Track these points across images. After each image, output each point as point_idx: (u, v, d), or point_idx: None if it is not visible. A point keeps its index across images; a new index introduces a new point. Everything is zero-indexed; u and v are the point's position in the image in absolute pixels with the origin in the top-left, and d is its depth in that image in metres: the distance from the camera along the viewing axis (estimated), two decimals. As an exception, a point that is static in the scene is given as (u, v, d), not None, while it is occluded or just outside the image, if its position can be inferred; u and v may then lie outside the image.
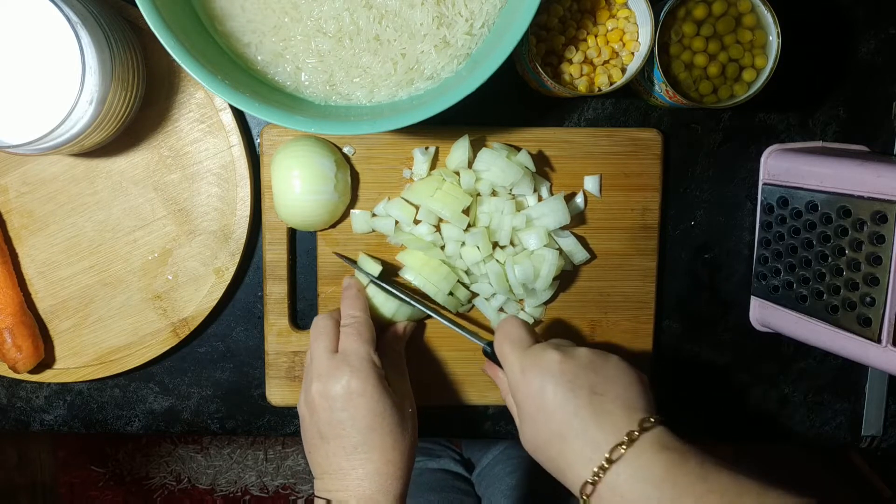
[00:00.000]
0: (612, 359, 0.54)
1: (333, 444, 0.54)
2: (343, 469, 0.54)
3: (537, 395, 0.52)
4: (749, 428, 0.73)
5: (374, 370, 0.55)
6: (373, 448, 0.54)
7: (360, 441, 0.54)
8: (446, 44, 0.57)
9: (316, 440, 0.56)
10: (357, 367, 0.55)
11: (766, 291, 0.67)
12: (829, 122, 0.69)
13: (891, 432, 0.73)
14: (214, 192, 0.65)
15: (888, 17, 0.67)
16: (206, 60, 0.52)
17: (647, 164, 0.66)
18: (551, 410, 0.51)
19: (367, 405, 0.54)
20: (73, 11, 0.51)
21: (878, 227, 0.55)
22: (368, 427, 0.54)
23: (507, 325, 0.57)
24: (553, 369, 0.52)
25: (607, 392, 0.51)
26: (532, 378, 0.52)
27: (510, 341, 0.56)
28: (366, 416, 0.54)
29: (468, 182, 0.62)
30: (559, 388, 0.51)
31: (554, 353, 0.53)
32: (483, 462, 0.98)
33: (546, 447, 0.52)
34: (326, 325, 0.59)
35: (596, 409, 0.50)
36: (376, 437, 0.54)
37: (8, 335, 0.62)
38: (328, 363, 0.56)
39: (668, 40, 0.59)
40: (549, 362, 0.52)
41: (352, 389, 0.54)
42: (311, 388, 0.56)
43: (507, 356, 0.55)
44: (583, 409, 0.50)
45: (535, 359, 0.53)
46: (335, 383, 0.54)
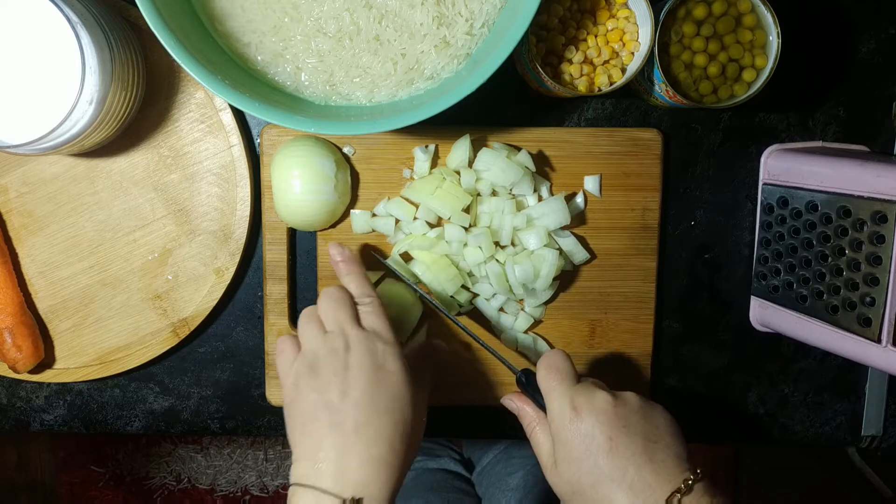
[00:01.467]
0: (658, 408, 0.54)
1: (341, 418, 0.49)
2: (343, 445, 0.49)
3: (588, 434, 0.50)
4: (749, 428, 0.73)
5: (397, 341, 0.53)
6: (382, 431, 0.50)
7: (373, 419, 0.50)
8: (446, 44, 0.57)
9: (321, 412, 0.50)
10: (392, 342, 0.52)
11: (766, 291, 0.67)
12: (829, 122, 0.69)
13: (891, 432, 0.73)
14: (214, 192, 0.65)
15: (888, 17, 0.67)
16: (206, 60, 0.52)
17: (647, 164, 0.66)
18: (604, 452, 0.50)
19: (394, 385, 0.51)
20: (73, 11, 0.51)
21: (878, 227, 0.55)
22: (385, 408, 0.50)
23: (555, 357, 0.55)
24: (609, 412, 0.51)
25: (659, 440, 0.51)
26: (585, 416, 0.51)
27: (559, 374, 0.54)
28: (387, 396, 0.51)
29: (468, 181, 0.62)
30: (614, 430, 0.50)
31: (606, 394, 0.52)
32: (483, 462, 0.98)
33: (590, 490, 0.50)
34: (345, 297, 0.55)
35: (650, 455, 0.50)
36: (388, 420, 0.50)
37: (8, 335, 0.62)
38: (360, 334, 0.52)
39: (668, 40, 0.59)
40: (603, 403, 0.51)
41: (386, 365, 0.51)
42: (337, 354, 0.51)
43: (553, 390, 0.53)
44: (638, 454, 0.50)
45: (587, 398, 0.52)
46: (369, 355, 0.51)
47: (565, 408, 0.52)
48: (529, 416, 0.56)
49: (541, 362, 0.55)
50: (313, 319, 0.54)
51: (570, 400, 0.52)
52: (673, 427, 0.53)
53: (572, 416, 0.51)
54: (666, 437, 0.51)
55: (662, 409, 0.54)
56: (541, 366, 0.55)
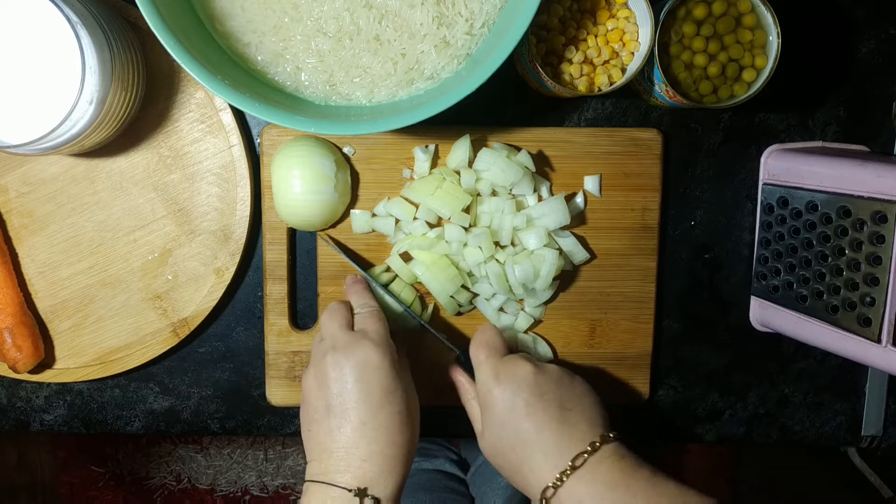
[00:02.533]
0: (578, 379, 0.59)
1: (340, 419, 0.53)
2: (346, 446, 0.52)
3: (508, 401, 0.55)
4: (749, 428, 0.73)
5: (392, 350, 0.55)
6: (380, 426, 0.52)
7: (370, 417, 0.52)
8: (446, 44, 0.57)
9: (321, 415, 0.54)
10: (377, 341, 0.55)
11: (766, 291, 0.67)
12: (829, 122, 0.69)
13: (891, 432, 0.73)
14: (214, 192, 0.65)
15: (888, 17, 0.67)
16: (206, 60, 0.52)
17: (647, 164, 0.66)
18: (521, 418, 0.54)
19: (382, 380, 0.53)
20: (73, 11, 0.51)
21: (878, 227, 0.55)
22: (379, 404, 0.53)
23: (486, 332, 0.60)
24: (528, 380, 0.55)
25: (574, 407, 0.56)
26: (506, 385, 0.56)
27: (487, 348, 0.58)
28: (378, 391, 0.53)
29: (468, 181, 0.62)
30: (532, 397, 0.55)
31: (528, 364, 0.57)
32: (477, 461, 0.98)
33: (510, 452, 0.55)
34: (341, 307, 0.59)
35: (563, 420, 0.54)
36: (384, 415, 0.53)
37: (8, 335, 0.62)
38: (346, 337, 0.55)
39: (668, 40, 0.59)
40: (524, 373, 0.56)
41: (370, 361, 0.53)
42: (326, 359, 0.54)
43: (482, 362, 0.58)
44: (552, 419, 0.54)
45: (510, 367, 0.56)
46: (352, 354, 0.54)
47: (489, 377, 0.57)
48: (465, 386, 0.62)
49: (473, 338, 0.60)
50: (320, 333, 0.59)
51: (494, 370, 0.57)
52: (590, 397, 0.57)
53: (495, 384, 0.56)
54: (581, 405, 0.56)
55: (582, 380, 0.59)
56: (473, 342, 0.60)
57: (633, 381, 0.69)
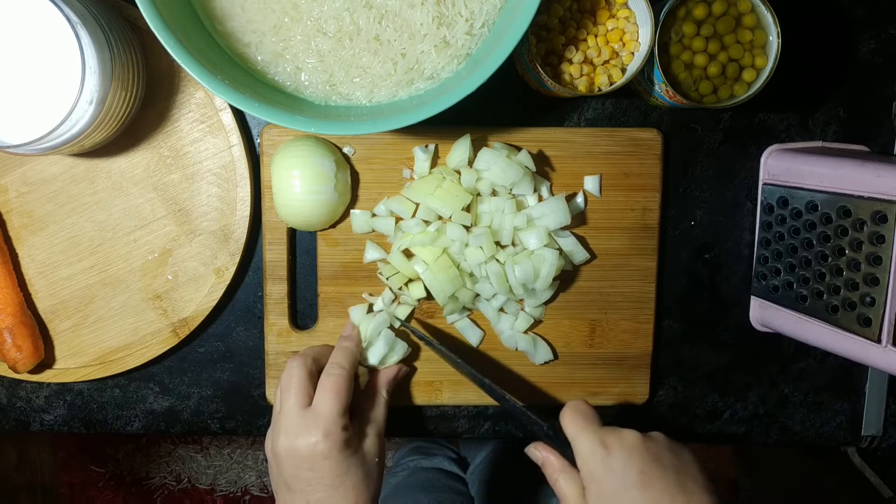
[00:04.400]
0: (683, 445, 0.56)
1: (298, 496, 0.56)
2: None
3: (620, 470, 0.52)
4: (749, 428, 0.73)
5: (342, 434, 0.56)
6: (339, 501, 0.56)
7: (325, 496, 0.56)
8: (446, 44, 0.57)
9: (282, 488, 0.57)
10: (326, 429, 0.55)
11: (766, 291, 0.67)
12: (829, 122, 0.69)
13: (891, 432, 0.73)
14: (214, 192, 0.65)
15: (888, 17, 0.67)
16: (206, 60, 0.52)
17: (647, 164, 0.66)
18: (637, 487, 0.51)
19: (332, 467, 0.55)
20: (73, 11, 0.51)
21: (878, 227, 0.55)
22: (332, 485, 0.55)
23: (579, 404, 0.57)
24: (639, 447, 0.53)
25: (688, 473, 0.53)
26: (616, 453, 0.53)
27: (584, 417, 0.56)
28: (330, 476, 0.55)
29: (469, 181, 0.62)
30: (647, 466, 0.52)
31: (635, 432, 0.54)
32: (476, 460, 0.98)
33: None
34: (300, 376, 0.58)
35: (682, 487, 0.52)
36: (340, 494, 0.56)
37: (8, 335, 0.62)
38: (298, 419, 0.56)
39: (668, 40, 0.59)
40: (633, 440, 0.53)
41: (318, 451, 0.55)
42: (279, 441, 0.56)
43: (582, 431, 0.55)
44: (671, 486, 0.52)
45: (616, 436, 0.54)
46: (302, 442, 0.55)
47: (596, 446, 0.53)
48: (553, 464, 0.57)
49: (565, 410, 0.57)
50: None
51: (599, 439, 0.54)
52: (698, 463, 0.55)
53: (604, 454, 0.53)
54: (693, 471, 0.54)
55: (686, 447, 0.56)
56: (566, 412, 0.57)
57: (633, 382, 0.69)
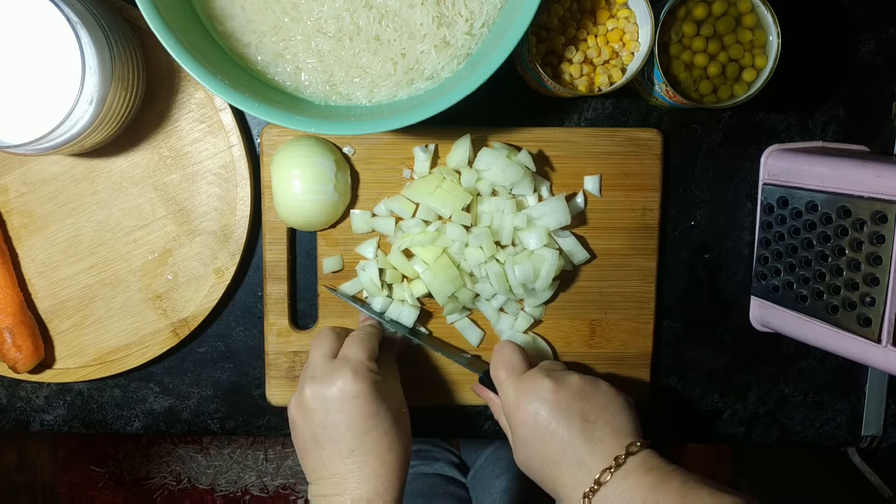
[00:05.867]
0: (602, 385, 0.57)
1: (329, 448, 0.54)
2: (339, 473, 0.54)
3: (531, 420, 0.55)
4: (749, 428, 0.73)
5: (370, 375, 0.56)
6: (368, 451, 0.54)
7: (356, 444, 0.54)
8: (446, 44, 0.57)
9: (310, 445, 0.56)
10: (354, 370, 0.55)
11: (766, 291, 0.67)
12: (829, 122, 0.69)
13: (891, 432, 0.73)
14: (214, 192, 0.65)
15: (888, 17, 0.67)
16: (206, 60, 0.52)
17: (647, 164, 0.66)
18: (546, 437, 0.54)
19: (363, 407, 0.54)
20: (73, 11, 0.51)
21: (878, 227, 0.55)
22: (363, 430, 0.54)
23: (503, 351, 0.60)
24: (547, 397, 0.55)
25: (598, 419, 0.54)
26: (527, 405, 0.55)
27: (505, 367, 0.58)
28: (361, 419, 0.54)
29: (469, 181, 0.62)
30: (553, 415, 0.54)
31: (547, 380, 0.56)
32: (476, 464, 0.98)
33: (540, 470, 0.55)
34: (328, 334, 0.60)
35: (587, 435, 0.53)
36: (371, 439, 0.54)
37: (8, 335, 0.62)
38: (325, 366, 0.56)
39: (668, 40, 0.59)
40: (542, 391, 0.55)
41: (347, 391, 0.54)
42: (305, 390, 0.55)
43: (502, 382, 0.58)
44: (575, 436, 0.53)
45: (528, 386, 0.56)
46: (331, 385, 0.54)
47: (510, 398, 0.57)
48: (495, 403, 0.62)
49: (492, 356, 0.60)
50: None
51: (514, 391, 0.57)
52: (616, 404, 0.56)
53: (516, 406, 0.56)
54: (606, 415, 0.55)
55: (607, 386, 0.57)
56: (492, 361, 0.60)
57: (633, 382, 0.69)
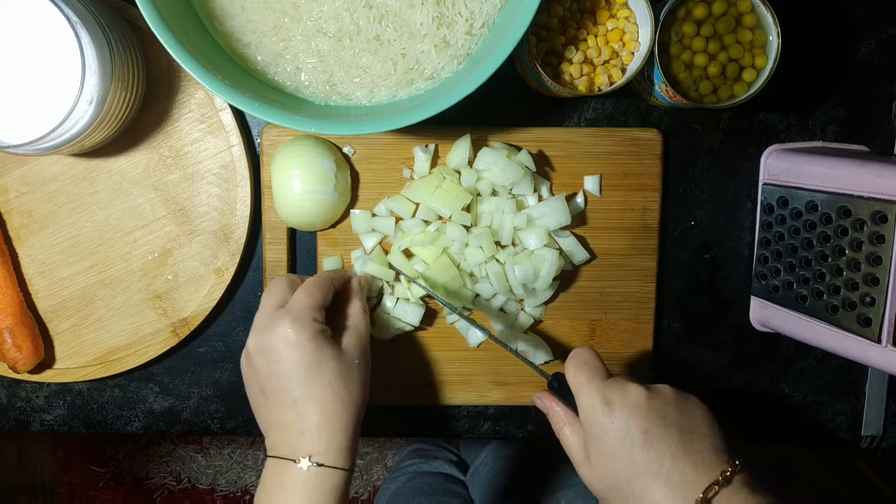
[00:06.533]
0: (693, 398, 0.53)
1: (273, 398, 0.54)
2: (284, 423, 0.53)
3: (622, 429, 0.50)
4: (749, 428, 0.73)
5: (313, 323, 0.54)
6: (312, 400, 0.53)
7: (300, 394, 0.53)
8: (446, 44, 0.57)
9: (258, 396, 0.55)
10: (294, 318, 0.53)
11: (766, 291, 0.67)
12: (829, 122, 0.69)
13: (891, 432, 0.73)
14: (214, 192, 0.65)
15: (888, 17, 0.67)
16: (206, 60, 0.52)
17: (647, 164, 0.66)
18: (639, 445, 0.49)
19: (302, 357, 0.53)
20: (73, 11, 0.51)
21: (878, 227, 0.55)
22: (305, 379, 0.53)
23: (584, 354, 0.55)
24: (641, 403, 0.50)
25: (695, 431, 0.50)
26: (618, 410, 0.50)
27: (588, 370, 0.53)
28: (301, 368, 0.53)
29: (469, 181, 0.62)
30: (649, 422, 0.50)
31: (639, 386, 0.52)
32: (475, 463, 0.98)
33: (626, 485, 0.50)
34: (279, 283, 0.58)
35: (686, 447, 0.49)
36: (315, 388, 0.53)
37: (8, 335, 0.62)
38: (269, 316, 0.55)
39: (668, 40, 0.59)
40: (636, 396, 0.51)
41: (288, 339, 0.53)
42: (250, 340, 0.55)
43: (583, 385, 0.53)
44: (674, 446, 0.49)
45: (620, 390, 0.51)
46: (271, 335, 0.53)
47: (597, 402, 0.51)
48: (558, 415, 0.56)
49: (569, 360, 0.55)
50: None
51: (601, 394, 0.51)
52: (709, 418, 0.52)
53: (605, 411, 0.51)
54: (702, 428, 0.51)
55: (698, 400, 0.53)
56: (570, 363, 0.54)
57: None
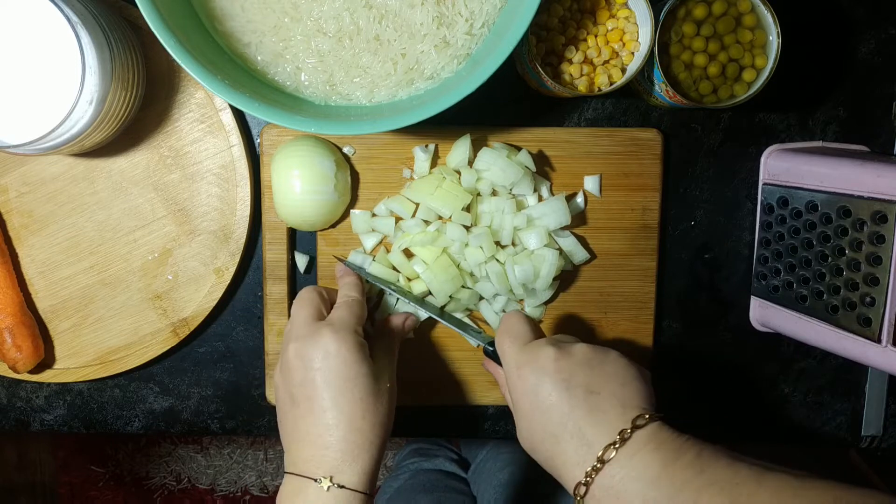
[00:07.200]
0: (611, 354, 0.53)
1: (303, 406, 0.53)
2: (309, 435, 0.52)
3: (532, 392, 0.51)
4: (749, 428, 0.73)
5: (354, 337, 0.54)
6: (341, 412, 0.52)
7: (330, 405, 0.52)
8: (446, 44, 0.57)
9: (287, 405, 0.54)
10: (336, 328, 0.54)
11: (766, 291, 0.67)
12: (829, 122, 0.69)
13: (891, 432, 0.73)
14: (214, 192, 0.65)
15: (888, 17, 0.67)
16: (206, 60, 0.52)
17: (647, 164, 0.66)
18: (546, 409, 0.50)
19: (339, 368, 0.53)
20: (73, 11, 0.51)
21: (878, 227, 0.55)
22: (339, 390, 0.52)
23: (509, 319, 0.56)
24: (548, 367, 0.51)
25: (603, 390, 0.50)
26: (527, 375, 0.52)
27: (510, 337, 0.55)
28: (337, 378, 0.52)
29: (469, 181, 0.62)
30: (554, 386, 0.50)
31: (550, 349, 0.52)
32: (477, 460, 0.98)
33: (541, 446, 0.51)
34: (312, 296, 0.58)
35: (591, 407, 0.49)
36: (346, 402, 0.52)
37: (8, 335, 0.62)
38: (309, 326, 0.55)
39: (668, 40, 0.59)
40: (544, 359, 0.52)
41: (328, 349, 0.53)
42: (289, 348, 0.54)
43: (505, 352, 0.55)
44: (577, 408, 0.49)
45: (531, 355, 0.52)
46: (313, 343, 0.53)
47: (512, 367, 0.53)
48: (499, 378, 0.58)
49: (499, 326, 0.57)
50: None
51: (516, 359, 0.53)
52: (626, 374, 0.51)
53: (518, 376, 0.52)
54: (612, 386, 0.50)
55: (617, 355, 0.53)
56: (497, 332, 0.56)
57: None
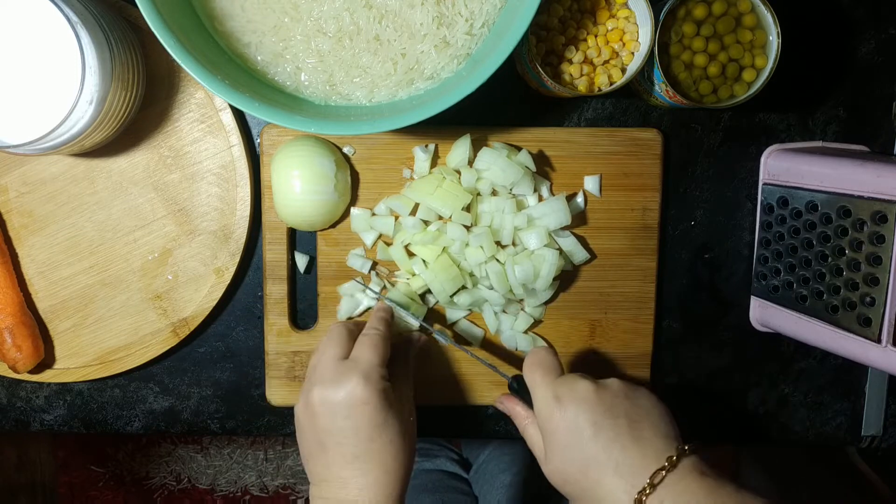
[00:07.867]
0: (642, 389, 0.55)
1: (333, 453, 0.54)
2: (342, 478, 0.53)
3: (572, 423, 0.52)
4: (749, 428, 0.73)
5: (381, 381, 0.54)
6: (372, 458, 0.53)
7: (361, 451, 0.53)
8: (446, 44, 0.57)
9: (314, 448, 0.55)
10: (365, 375, 0.53)
11: (766, 291, 0.67)
12: (829, 122, 0.69)
13: (891, 432, 0.73)
14: (214, 192, 0.65)
15: (888, 17, 0.67)
16: (206, 60, 0.52)
17: (647, 164, 0.66)
18: (588, 438, 0.51)
19: (370, 415, 0.53)
20: (73, 11, 0.51)
21: (878, 227, 0.55)
22: (369, 437, 0.53)
23: (538, 354, 0.57)
24: (590, 397, 0.53)
25: (643, 420, 0.53)
26: (567, 405, 0.53)
27: (542, 369, 0.56)
28: (367, 426, 0.53)
29: (469, 181, 0.62)
30: (597, 415, 0.52)
31: (587, 381, 0.54)
32: (479, 460, 0.98)
33: (580, 477, 0.52)
34: (340, 332, 0.58)
35: (634, 435, 0.51)
36: (376, 447, 0.53)
37: (8, 335, 0.62)
38: (335, 368, 0.54)
39: (668, 40, 0.59)
40: (584, 390, 0.53)
41: (356, 397, 0.53)
42: (314, 392, 0.54)
43: (538, 384, 0.55)
44: (622, 435, 0.51)
45: (569, 386, 0.54)
46: (340, 390, 0.53)
47: (549, 399, 0.54)
48: (521, 415, 0.59)
49: (525, 360, 0.57)
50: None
51: (553, 391, 0.54)
52: (658, 408, 0.54)
53: (555, 406, 0.53)
54: (651, 418, 0.53)
55: (647, 391, 0.56)
56: (525, 364, 0.57)
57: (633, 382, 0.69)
